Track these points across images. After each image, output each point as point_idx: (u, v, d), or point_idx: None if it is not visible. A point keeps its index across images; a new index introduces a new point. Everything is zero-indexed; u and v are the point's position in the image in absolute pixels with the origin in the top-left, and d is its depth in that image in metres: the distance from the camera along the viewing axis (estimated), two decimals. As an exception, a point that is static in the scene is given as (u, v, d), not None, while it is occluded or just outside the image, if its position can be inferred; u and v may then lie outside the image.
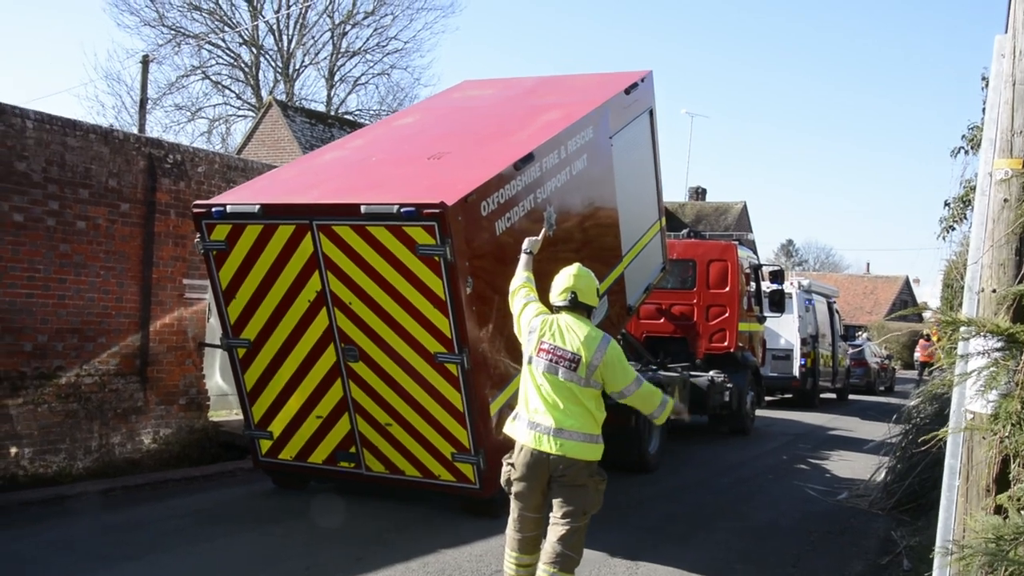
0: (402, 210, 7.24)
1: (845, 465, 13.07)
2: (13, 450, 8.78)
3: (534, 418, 5.31)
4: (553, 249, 8.71)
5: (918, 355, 33.30)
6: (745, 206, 43.10)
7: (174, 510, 8.38)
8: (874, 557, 7.91)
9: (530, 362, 5.44)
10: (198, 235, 8.27)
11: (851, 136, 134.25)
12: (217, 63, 38.13)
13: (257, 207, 7.87)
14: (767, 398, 20.67)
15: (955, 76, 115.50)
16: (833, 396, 24.72)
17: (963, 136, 9.69)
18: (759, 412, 17.25)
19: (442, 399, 7.74)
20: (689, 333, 15.26)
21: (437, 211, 7.17)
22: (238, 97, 38.93)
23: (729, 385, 14.85)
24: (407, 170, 8.69)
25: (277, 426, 8.55)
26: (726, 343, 15.21)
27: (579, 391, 5.31)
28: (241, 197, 8.39)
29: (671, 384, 12.53)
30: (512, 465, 5.39)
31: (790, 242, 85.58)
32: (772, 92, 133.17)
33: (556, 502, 5.31)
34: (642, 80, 11.84)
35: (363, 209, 7.39)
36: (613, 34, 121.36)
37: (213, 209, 8.08)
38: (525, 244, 6.10)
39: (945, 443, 4.77)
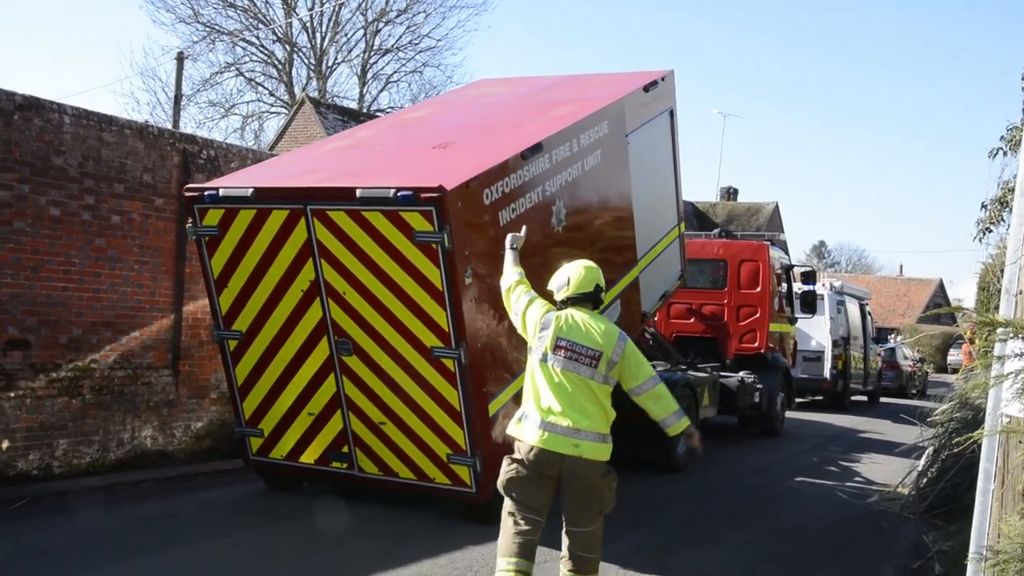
0: (399, 194, 6.94)
1: (876, 468, 12.94)
2: (48, 441, 8.89)
3: (548, 418, 5.08)
4: (564, 247, 8.47)
5: (961, 359, 32.81)
6: (777, 207, 42.78)
7: (205, 503, 8.46)
8: (905, 561, 7.82)
9: (544, 360, 5.18)
10: (189, 220, 8.02)
11: (885, 138, 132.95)
12: (251, 60, 38.42)
13: (250, 191, 7.63)
14: (797, 400, 20.52)
15: (994, 75, 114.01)
16: (864, 399, 24.50)
17: (1001, 137, 9.54)
18: (789, 414, 17.14)
19: (438, 397, 7.42)
20: (719, 333, 15.18)
21: (435, 195, 6.87)
22: (271, 94, 39.19)
23: (759, 386, 14.77)
24: (409, 157, 8.47)
25: (268, 423, 8.29)
26: (756, 344, 15.11)
27: (597, 388, 5.16)
28: (235, 181, 8.16)
29: (701, 385, 12.48)
30: (519, 464, 5.14)
31: (822, 243, 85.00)
32: (806, 93, 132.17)
33: (570, 506, 5.13)
34: (662, 79, 11.50)
35: (359, 193, 7.10)
36: (646, 32, 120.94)
37: (205, 193, 7.84)
38: (509, 240, 5.82)
39: (979, 446, 4.71)
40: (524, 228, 6.07)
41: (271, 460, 8.44)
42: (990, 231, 9.85)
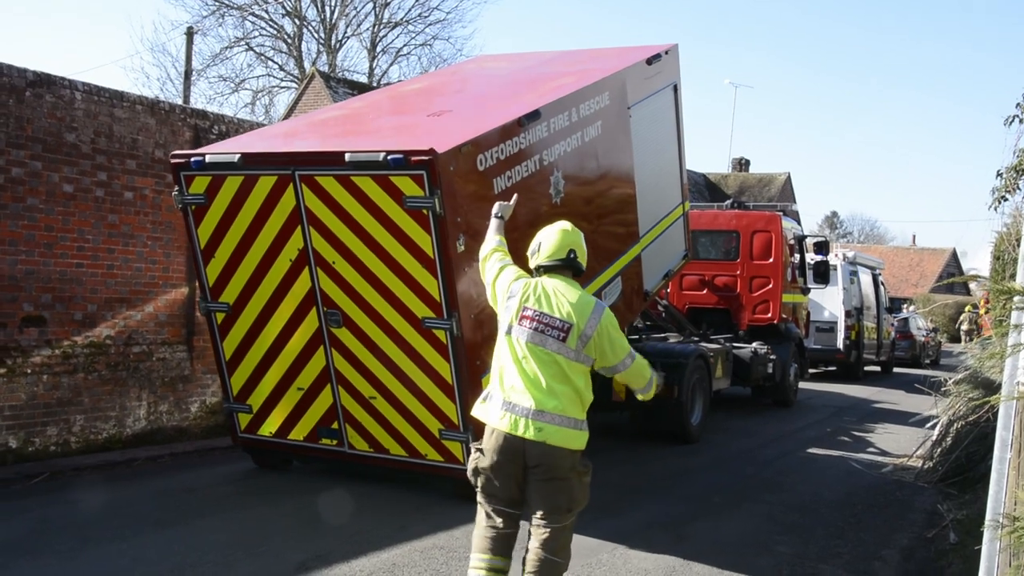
0: (389, 157, 6.72)
1: (890, 438, 12.94)
2: (65, 417, 8.97)
3: (510, 397, 4.56)
4: (562, 219, 8.32)
5: (965, 326, 32.71)
6: (789, 177, 42.61)
7: (221, 477, 8.52)
8: (920, 530, 7.83)
9: (509, 332, 4.67)
10: (176, 188, 7.83)
11: (898, 107, 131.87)
12: (260, 34, 38.39)
13: (237, 156, 7.43)
14: (811, 370, 20.53)
15: (1011, 42, 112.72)
16: (878, 369, 24.47)
17: (1017, 104, 9.39)
18: (803, 384, 17.14)
19: (430, 369, 7.20)
20: (732, 304, 15.16)
21: (426, 158, 6.65)
22: (281, 68, 39.15)
23: (772, 357, 14.76)
24: (402, 124, 8.28)
25: (256, 399, 8.12)
26: (769, 314, 15.09)
27: (567, 366, 4.57)
28: (222, 147, 8.00)
29: (714, 356, 12.48)
30: (482, 451, 4.66)
31: (834, 214, 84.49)
32: (818, 63, 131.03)
33: (535, 500, 4.59)
34: (666, 52, 11.29)
35: (348, 157, 6.89)
36: (658, 5, 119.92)
37: (192, 159, 7.65)
38: (496, 208, 5.40)
39: (995, 415, 4.70)
40: (514, 197, 5.75)
41: (260, 437, 8.27)
42: (1005, 199, 9.74)
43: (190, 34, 26.97)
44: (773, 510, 8.27)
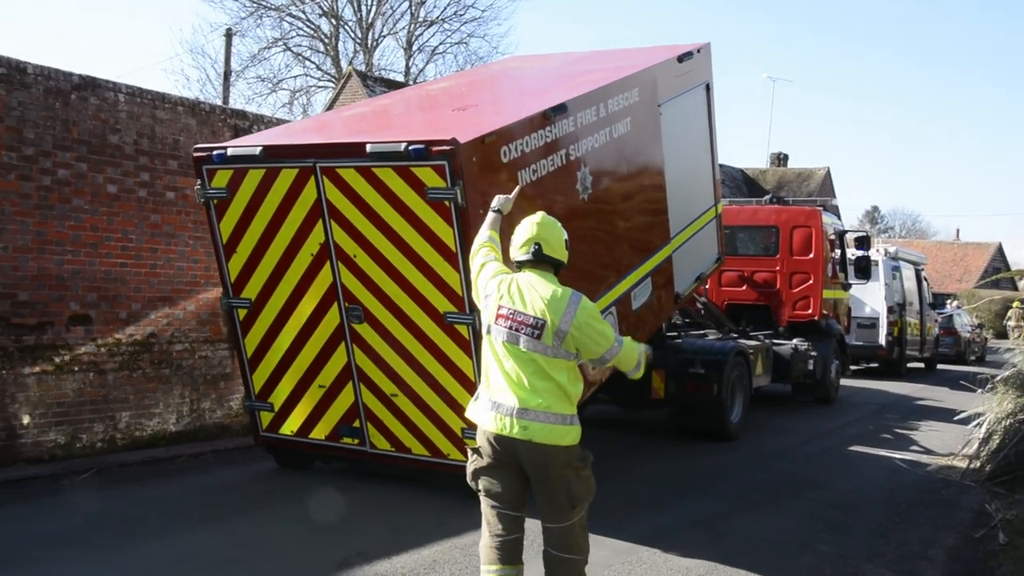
0: (410, 148, 6.62)
1: (934, 436, 12.77)
2: (111, 414, 9.10)
3: (495, 397, 4.50)
4: (591, 217, 8.20)
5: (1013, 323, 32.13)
6: (828, 172, 42.23)
7: (262, 474, 8.57)
8: (967, 530, 7.71)
9: (489, 331, 4.59)
10: (198, 182, 7.78)
11: (940, 98, 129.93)
12: (298, 35, 38.68)
13: (259, 149, 7.39)
14: (852, 367, 20.30)
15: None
16: (921, 366, 24.14)
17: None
18: (844, 381, 16.97)
19: (452, 366, 7.08)
20: (772, 300, 15.02)
21: (448, 148, 6.54)
22: (318, 68, 39.41)
23: (813, 353, 14.62)
24: (427, 118, 8.20)
25: (278, 397, 8.04)
26: (810, 311, 14.92)
27: (546, 363, 4.45)
28: (245, 141, 7.96)
29: (754, 353, 12.38)
30: (477, 453, 4.62)
31: (875, 209, 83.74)
32: (857, 55, 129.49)
33: (538, 500, 4.56)
34: (698, 51, 11.10)
35: (369, 148, 6.80)
36: (695, 2, 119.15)
37: (214, 153, 7.60)
38: (494, 202, 5.32)
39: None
40: (516, 190, 5.65)
41: (281, 436, 8.20)
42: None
43: (229, 35, 27.30)
44: (815, 508, 8.19)
